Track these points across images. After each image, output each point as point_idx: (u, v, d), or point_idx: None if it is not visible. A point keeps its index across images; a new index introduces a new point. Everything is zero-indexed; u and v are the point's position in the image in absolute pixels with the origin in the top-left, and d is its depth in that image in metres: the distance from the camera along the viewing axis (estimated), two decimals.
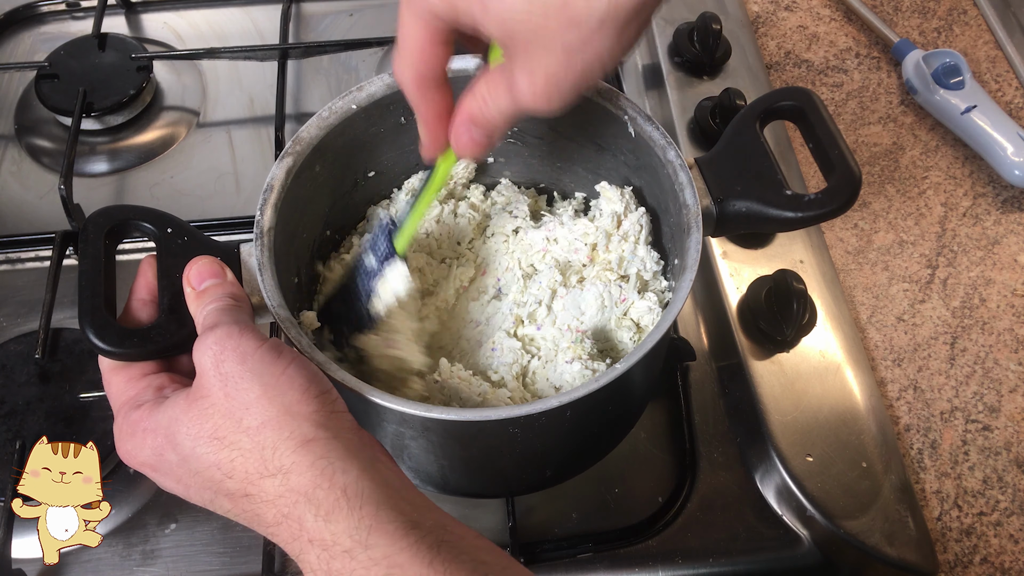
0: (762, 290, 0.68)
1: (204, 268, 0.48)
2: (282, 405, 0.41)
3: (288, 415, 0.41)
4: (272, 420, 0.41)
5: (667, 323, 0.49)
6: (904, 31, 0.91)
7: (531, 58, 0.40)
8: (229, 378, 0.42)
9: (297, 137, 0.54)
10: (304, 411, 0.42)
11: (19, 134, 0.84)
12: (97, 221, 0.49)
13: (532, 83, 0.41)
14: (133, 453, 0.45)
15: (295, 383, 0.42)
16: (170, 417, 0.43)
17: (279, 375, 0.42)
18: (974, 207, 0.80)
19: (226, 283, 0.48)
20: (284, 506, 0.40)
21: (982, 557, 0.63)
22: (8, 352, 0.67)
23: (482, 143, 0.46)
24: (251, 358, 0.42)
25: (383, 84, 0.57)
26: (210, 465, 0.42)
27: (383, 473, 0.41)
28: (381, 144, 0.61)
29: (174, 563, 0.61)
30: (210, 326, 0.44)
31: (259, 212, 0.52)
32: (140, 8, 0.94)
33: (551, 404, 0.46)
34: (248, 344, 0.43)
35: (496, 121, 0.45)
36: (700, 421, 0.66)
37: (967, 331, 0.73)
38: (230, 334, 0.43)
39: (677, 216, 0.55)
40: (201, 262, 0.49)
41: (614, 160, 0.62)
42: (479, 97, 0.44)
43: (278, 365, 0.42)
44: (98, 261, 0.48)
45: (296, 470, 0.40)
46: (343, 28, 0.93)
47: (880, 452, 0.63)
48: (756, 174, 0.54)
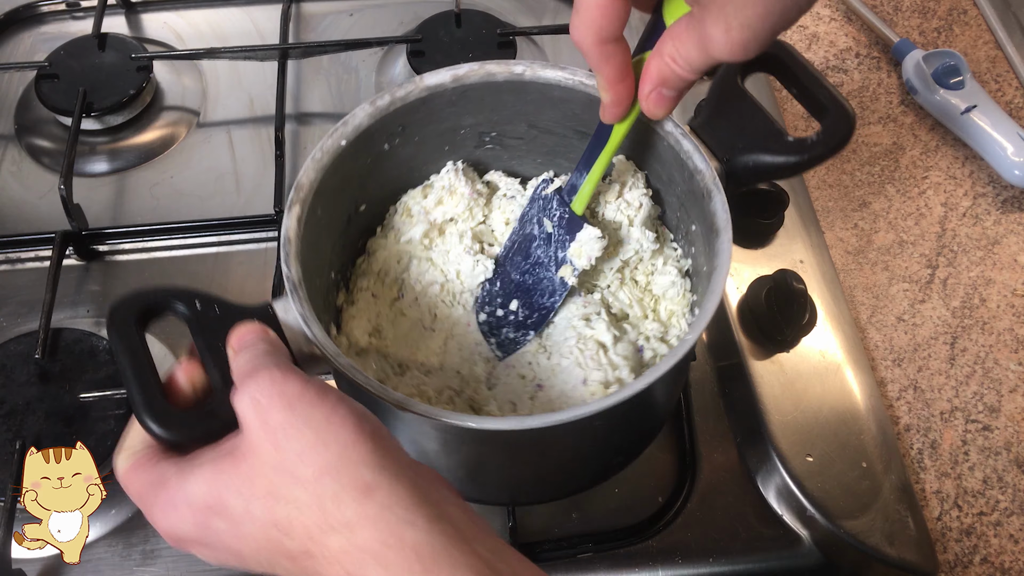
0: (762, 290, 0.68)
1: (245, 331, 0.46)
2: (337, 450, 0.38)
3: (345, 460, 0.38)
4: (329, 467, 0.38)
5: (709, 312, 0.49)
6: (904, 31, 0.91)
7: (725, 7, 0.39)
8: (277, 429, 0.39)
9: (298, 184, 0.53)
10: (361, 453, 0.38)
11: (19, 134, 0.84)
12: (123, 311, 0.47)
13: (728, 33, 0.39)
14: (174, 531, 0.41)
15: (347, 423, 0.39)
16: (210, 482, 0.40)
17: (329, 416, 0.39)
18: (974, 207, 0.80)
19: (266, 338, 0.46)
20: (350, 564, 0.37)
21: (982, 557, 0.63)
22: (8, 352, 0.67)
23: (672, 101, 0.46)
24: (298, 403, 0.39)
25: (366, 113, 0.56)
26: (266, 525, 0.38)
27: (452, 517, 0.38)
28: (368, 176, 0.60)
29: (174, 563, 0.61)
30: (247, 373, 0.41)
31: (285, 266, 0.50)
32: (140, 8, 0.94)
33: (610, 402, 0.46)
34: (293, 388, 0.40)
35: (686, 77, 0.44)
36: (700, 421, 0.66)
37: (967, 331, 0.73)
38: (272, 379, 0.40)
39: (687, 184, 0.55)
40: (243, 327, 0.46)
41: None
42: (667, 57, 0.44)
43: (326, 406, 0.39)
44: (137, 351, 0.45)
45: (361, 524, 0.37)
46: (343, 28, 0.93)
47: (880, 452, 0.63)
48: (754, 128, 0.54)
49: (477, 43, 0.87)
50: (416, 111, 0.58)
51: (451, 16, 0.88)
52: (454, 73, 0.57)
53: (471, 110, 0.60)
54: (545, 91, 0.58)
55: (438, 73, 0.56)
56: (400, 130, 0.58)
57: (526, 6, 0.94)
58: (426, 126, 0.59)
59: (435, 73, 0.56)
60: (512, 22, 0.91)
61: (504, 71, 0.57)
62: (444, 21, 0.88)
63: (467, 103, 0.59)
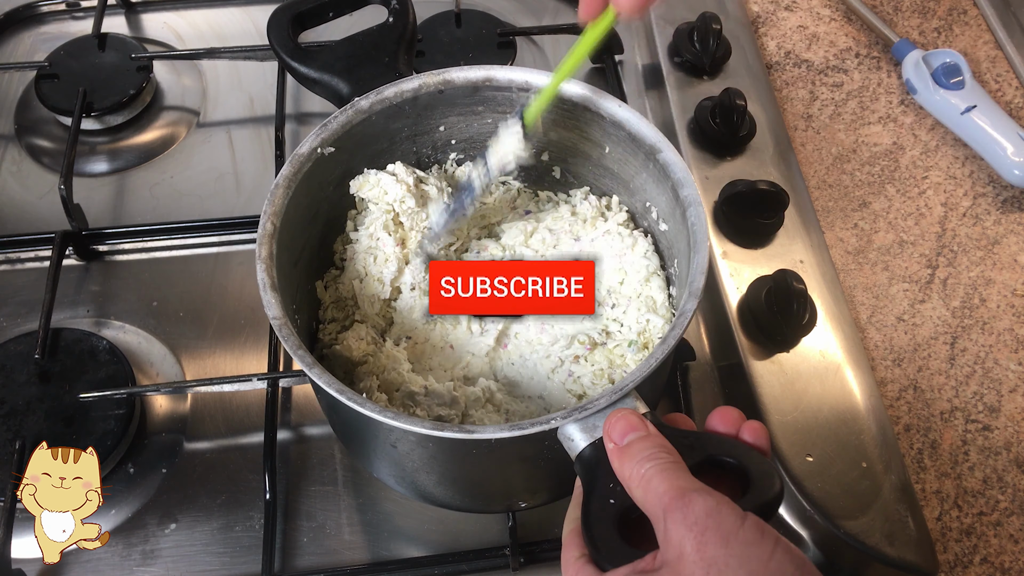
0: (762, 290, 0.68)
1: (624, 422, 0.44)
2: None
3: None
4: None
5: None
6: (904, 31, 0.91)
7: None
8: (712, 564, 0.37)
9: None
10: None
11: (19, 134, 0.84)
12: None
13: None
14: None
15: (785, 571, 0.37)
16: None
17: (765, 562, 0.37)
18: (974, 207, 0.80)
19: (650, 436, 0.44)
20: None
21: (982, 557, 0.63)
22: (8, 352, 0.67)
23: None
24: (734, 540, 0.37)
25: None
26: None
27: None
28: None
29: (174, 563, 0.61)
30: (677, 495, 0.39)
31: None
32: (140, 8, 0.94)
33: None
34: (729, 523, 0.38)
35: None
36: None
37: (967, 331, 0.73)
38: (709, 511, 0.38)
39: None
40: (623, 416, 0.45)
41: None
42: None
43: (763, 549, 0.37)
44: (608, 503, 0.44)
45: None
46: (343, 28, 0.93)
47: (880, 452, 0.63)
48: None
49: (477, 43, 0.87)
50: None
51: (451, 16, 0.88)
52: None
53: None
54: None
55: (410, 80, 0.59)
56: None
57: (526, 6, 0.94)
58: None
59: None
60: (512, 22, 0.91)
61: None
62: (444, 21, 0.88)
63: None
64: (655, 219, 0.60)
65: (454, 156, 0.65)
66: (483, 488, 0.58)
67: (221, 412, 0.68)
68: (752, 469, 0.43)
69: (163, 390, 0.68)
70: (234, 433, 0.67)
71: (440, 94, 0.60)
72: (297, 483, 0.65)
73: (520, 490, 0.58)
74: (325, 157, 0.57)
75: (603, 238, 0.62)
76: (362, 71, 0.61)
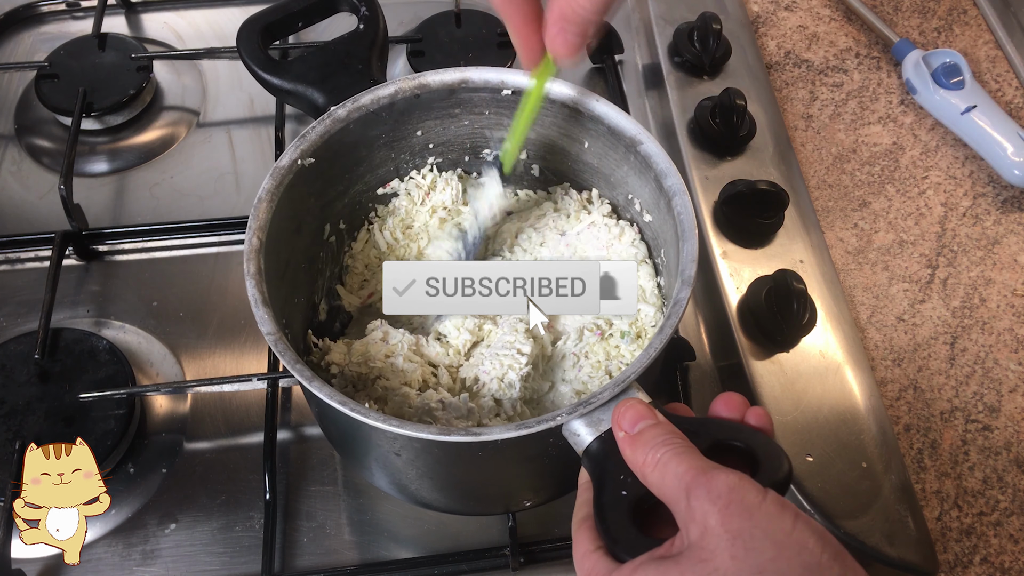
0: (762, 290, 0.68)
1: (634, 411, 0.44)
2: (800, 570, 0.36)
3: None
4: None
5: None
6: (904, 31, 0.91)
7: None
8: (738, 537, 0.37)
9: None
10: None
11: (19, 134, 0.84)
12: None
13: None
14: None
15: (807, 544, 0.37)
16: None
17: (789, 533, 0.37)
18: (974, 207, 0.80)
19: (660, 423, 0.44)
20: None
21: (982, 557, 0.63)
22: (8, 352, 0.67)
23: (577, 41, 0.46)
24: (758, 513, 0.37)
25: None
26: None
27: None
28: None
29: (174, 563, 0.61)
30: (698, 472, 0.39)
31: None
32: (140, 8, 0.94)
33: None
34: (752, 497, 0.38)
35: (587, 14, 0.45)
36: None
37: (967, 331, 0.73)
38: (732, 486, 0.38)
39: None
40: (632, 405, 0.45)
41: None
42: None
43: (785, 521, 0.37)
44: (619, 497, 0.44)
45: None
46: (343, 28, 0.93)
47: (880, 452, 0.63)
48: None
49: (477, 43, 0.87)
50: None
51: (451, 16, 0.88)
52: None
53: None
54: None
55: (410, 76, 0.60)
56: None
57: None
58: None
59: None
60: None
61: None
62: (444, 21, 0.88)
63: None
64: (638, 211, 0.60)
65: (432, 160, 0.65)
66: (486, 490, 0.58)
67: (221, 412, 0.68)
68: (760, 451, 0.43)
69: (163, 390, 0.68)
70: (234, 433, 0.67)
71: (416, 98, 0.59)
72: (297, 483, 0.65)
73: (524, 489, 0.58)
74: (306, 168, 0.57)
75: (588, 230, 0.62)
76: (336, 80, 0.60)
